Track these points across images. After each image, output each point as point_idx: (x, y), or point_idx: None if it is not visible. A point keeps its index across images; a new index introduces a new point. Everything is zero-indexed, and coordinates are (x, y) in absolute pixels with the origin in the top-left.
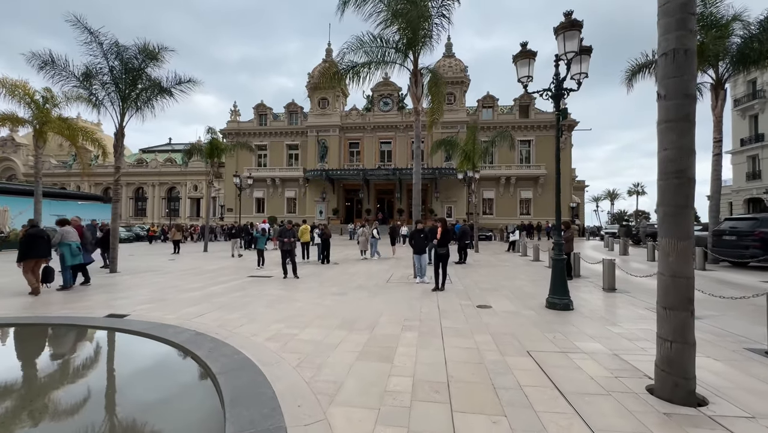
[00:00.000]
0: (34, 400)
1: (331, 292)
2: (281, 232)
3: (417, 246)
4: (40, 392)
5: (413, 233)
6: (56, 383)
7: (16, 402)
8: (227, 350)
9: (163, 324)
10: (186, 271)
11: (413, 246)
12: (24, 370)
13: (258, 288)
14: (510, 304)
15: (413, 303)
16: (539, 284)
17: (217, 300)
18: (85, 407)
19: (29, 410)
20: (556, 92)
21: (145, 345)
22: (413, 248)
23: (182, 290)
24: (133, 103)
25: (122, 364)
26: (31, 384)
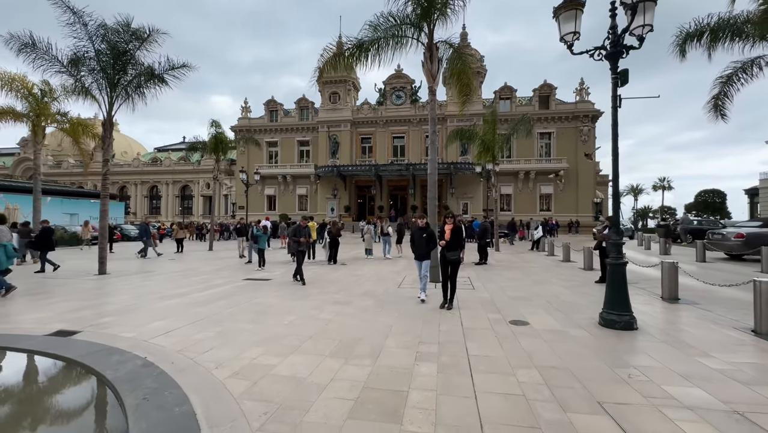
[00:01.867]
0: None
1: (332, 300)
2: (295, 230)
3: (418, 250)
4: None
5: (413, 232)
6: None
7: None
8: (170, 396)
9: (111, 348)
10: (179, 273)
11: (413, 249)
12: None
13: (249, 294)
14: (552, 319)
15: (430, 317)
16: (579, 291)
17: (196, 311)
18: None
19: None
20: (612, 49)
21: (65, 380)
22: (413, 251)
23: (163, 297)
24: (123, 91)
25: (15, 413)
26: None
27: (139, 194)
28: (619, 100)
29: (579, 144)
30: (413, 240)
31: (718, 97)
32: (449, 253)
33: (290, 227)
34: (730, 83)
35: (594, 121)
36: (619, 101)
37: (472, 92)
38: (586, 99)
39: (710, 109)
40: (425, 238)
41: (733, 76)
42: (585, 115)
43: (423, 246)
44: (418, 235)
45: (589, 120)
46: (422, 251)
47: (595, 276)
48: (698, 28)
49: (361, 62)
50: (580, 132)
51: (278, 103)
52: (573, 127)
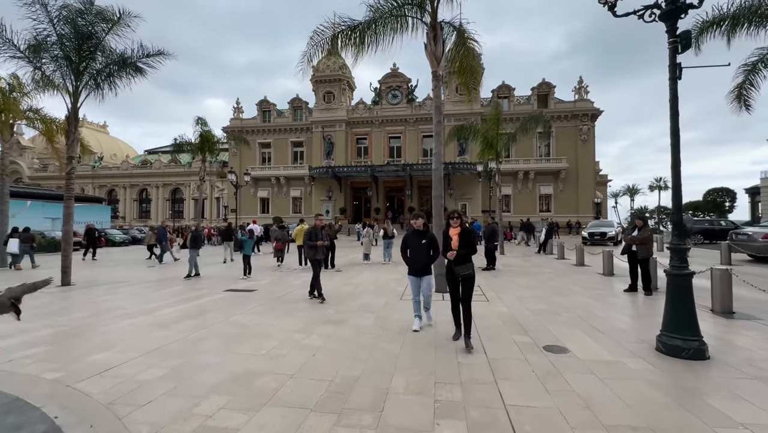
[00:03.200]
0: None
1: (323, 317)
2: (310, 234)
3: (414, 261)
4: None
5: (406, 238)
6: None
7: None
8: None
9: (14, 400)
10: (154, 283)
11: (407, 261)
12: None
13: (227, 310)
14: (595, 343)
15: (444, 342)
16: (611, 304)
17: (156, 336)
18: None
19: None
20: (669, 7)
21: None
22: (407, 263)
23: (123, 315)
24: (91, 80)
25: None
26: None
27: (128, 198)
28: (678, 70)
29: (579, 143)
30: (406, 248)
31: (741, 86)
32: (459, 267)
33: (306, 230)
34: (755, 71)
35: (593, 120)
36: (678, 72)
37: (478, 81)
38: (585, 97)
39: (733, 99)
40: (424, 245)
41: (759, 63)
42: (584, 113)
43: (422, 257)
44: (413, 241)
45: (589, 119)
46: (420, 264)
47: (618, 282)
48: (719, 16)
49: (356, 46)
50: (579, 131)
51: (271, 104)
52: (572, 127)
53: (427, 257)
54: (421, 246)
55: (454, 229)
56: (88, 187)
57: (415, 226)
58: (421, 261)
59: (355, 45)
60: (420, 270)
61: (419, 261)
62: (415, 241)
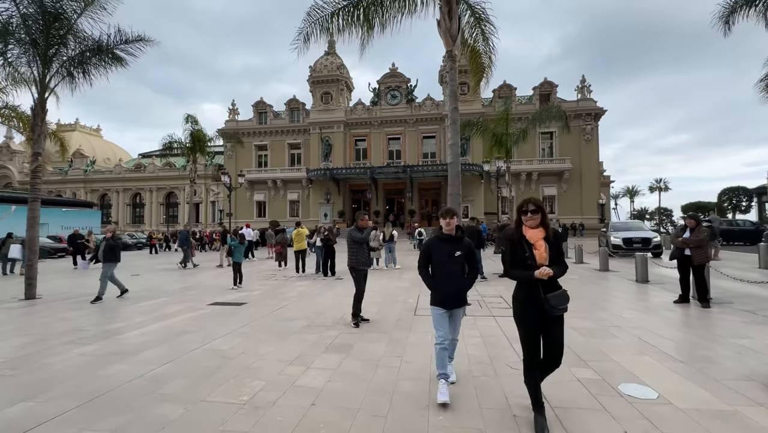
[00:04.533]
0: None
1: (325, 340)
2: (354, 236)
3: (443, 284)
4: None
5: (430, 246)
6: None
7: None
8: None
9: None
10: (132, 295)
11: (432, 284)
12: None
13: (208, 332)
14: (686, 381)
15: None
16: (666, 318)
17: (108, 372)
18: None
19: None
20: None
21: None
22: (432, 287)
23: (78, 340)
24: (62, 68)
25: None
26: None
27: (121, 202)
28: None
29: (582, 143)
30: (429, 263)
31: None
32: (554, 298)
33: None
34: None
35: (597, 119)
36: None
37: (489, 69)
38: (588, 97)
39: (763, 88)
40: (459, 259)
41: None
42: (588, 113)
43: (457, 277)
44: (442, 252)
45: (592, 118)
46: (455, 289)
47: (658, 291)
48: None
49: (360, 26)
50: (583, 131)
51: (267, 105)
52: (576, 126)
53: (465, 277)
54: (455, 260)
55: (533, 230)
56: (80, 191)
57: (446, 229)
58: (457, 284)
59: (358, 24)
60: (453, 299)
61: (453, 284)
62: (445, 252)
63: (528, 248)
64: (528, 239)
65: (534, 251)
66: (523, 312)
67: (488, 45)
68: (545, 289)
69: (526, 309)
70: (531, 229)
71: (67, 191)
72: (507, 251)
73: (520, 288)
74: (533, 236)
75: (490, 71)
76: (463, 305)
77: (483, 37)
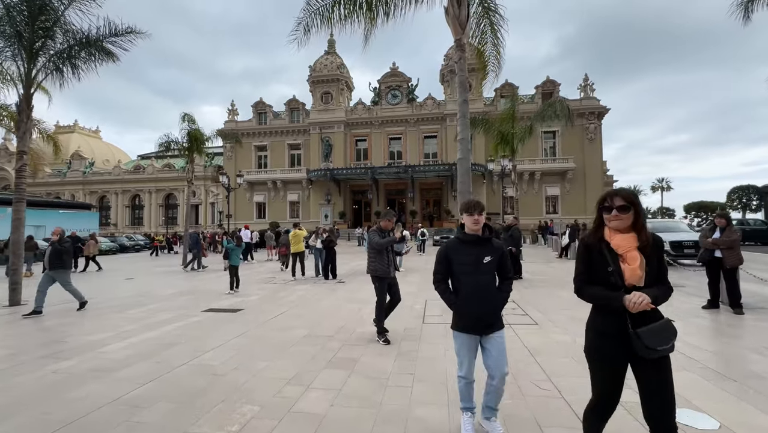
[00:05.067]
0: None
1: (326, 353)
2: (379, 236)
3: (470, 301)
4: None
5: (448, 250)
6: None
7: None
8: None
9: None
10: (122, 301)
11: (453, 302)
12: None
13: (198, 343)
14: (748, 405)
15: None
16: (698, 325)
17: (78, 393)
18: None
19: None
20: None
21: None
22: (455, 306)
23: (54, 354)
24: (49, 62)
25: None
26: None
27: (120, 204)
28: None
29: (585, 142)
30: (449, 274)
31: None
32: (650, 336)
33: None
34: None
35: (600, 118)
36: None
37: (497, 62)
38: (591, 95)
39: None
40: (489, 267)
41: None
42: (591, 112)
43: (488, 291)
44: (466, 259)
45: (595, 117)
46: (486, 307)
47: (683, 295)
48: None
49: (363, 15)
50: (586, 130)
51: (267, 105)
52: (578, 125)
53: (498, 291)
54: (484, 269)
55: (622, 234)
56: (78, 193)
57: (471, 228)
58: (490, 301)
59: (361, 13)
60: (486, 321)
61: (485, 301)
62: (471, 258)
63: (612, 260)
64: (613, 247)
65: (622, 264)
66: (601, 349)
67: (497, 37)
68: (638, 319)
69: (605, 346)
70: (617, 233)
71: (66, 193)
72: (580, 260)
73: (598, 314)
74: (622, 244)
75: (499, 65)
76: (499, 329)
77: (491, 29)
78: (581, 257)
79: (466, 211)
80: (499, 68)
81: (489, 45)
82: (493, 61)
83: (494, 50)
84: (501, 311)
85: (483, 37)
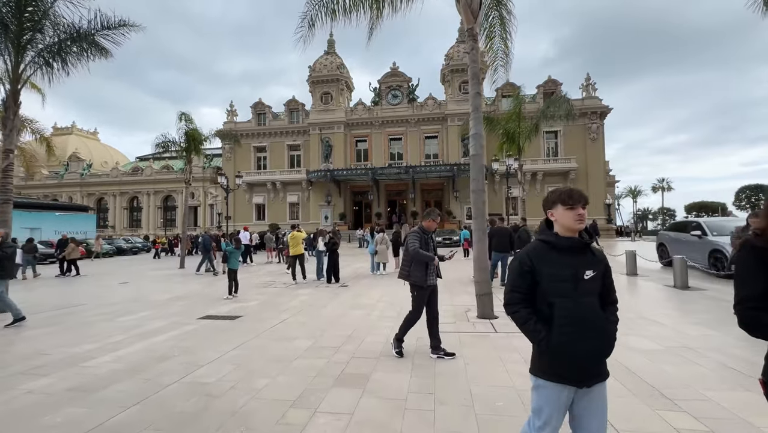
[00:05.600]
0: None
1: (335, 367)
2: (420, 239)
3: (574, 332)
4: None
5: (538, 254)
6: None
7: None
8: None
9: None
10: (114, 307)
11: (544, 336)
12: None
13: (193, 358)
14: None
15: None
16: (731, 333)
17: (50, 421)
18: None
19: None
20: None
21: None
22: (548, 341)
23: (32, 370)
24: (38, 57)
25: None
26: None
27: (118, 206)
28: None
29: (588, 142)
30: (538, 290)
31: None
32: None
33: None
34: None
35: (602, 117)
36: None
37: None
38: (593, 95)
39: None
40: (595, 281)
41: None
42: (593, 111)
43: (597, 318)
44: (560, 270)
45: (598, 117)
46: (601, 342)
47: (707, 301)
48: None
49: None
50: (588, 130)
51: (266, 106)
52: (581, 125)
53: (607, 321)
54: (586, 289)
55: None
56: (76, 195)
57: (569, 227)
58: (598, 339)
59: (367, 4)
60: (588, 367)
61: (590, 337)
62: (567, 271)
63: None
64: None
65: None
66: None
67: (505, 31)
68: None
69: None
70: None
71: (63, 195)
72: (751, 277)
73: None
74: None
75: (507, 60)
76: (605, 378)
77: (500, 22)
78: (753, 272)
79: (563, 202)
80: (508, 64)
81: (497, 39)
82: (501, 56)
83: (502, 44)
84: (612, 351)
85: (491, 30)
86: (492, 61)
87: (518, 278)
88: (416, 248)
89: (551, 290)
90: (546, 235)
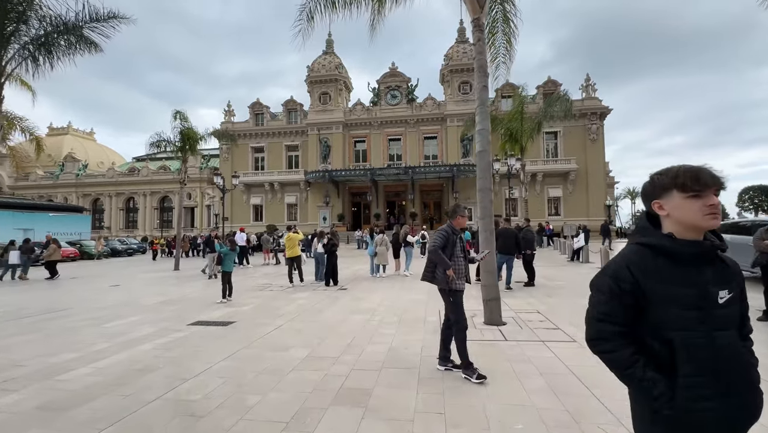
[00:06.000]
0: None
1: (333, 382)
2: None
3: (713, 382)
4: None
5: (648, 267)
6: None
7: None
8: None
9: None
10: (101, 312)
11: (664, 388)
12: None
13: (179, 369)
14: None
15: None
16: (755, 341)
17: None
18: None
19: None
20: None
21: None
22: (674, 396)
23: (1, 382)
24: (23, 49)
25: None
26: None
27: (114, 207)
28: None
29: (588, 143)
30: (651, 319)
31: None
32: None
33: None
34: None
35: (602, 118)
36: None
37: (509, 53)
38: (593, 96)
39: None
40: (732, 303)
41: None
42: (593, 112)
43: (742, 362)
44: (682, 290)
45: (598, 117)
46: (753, 396)
47: None
48: None
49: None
50: (588, 130)
51: (264, 106)
52: (581, 126)
53: (751, 363)
54: (722, 317)
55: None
56: (71, 196)
57: (697, 225)
58: (747, 391)
59: None
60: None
61: (738, 389)
62: (694, 293)
63: None
64: None
65: None
66: None
67: (509, 26)
68: None
69: None
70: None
71: (59, 196)
72: None
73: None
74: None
75: (510, 57)
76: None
77: (504, 17)
78: None
79: (683, 187)
80: (510, 60)
81: (500, 34)
82: (503, 53)
83: (504, 40)
84: None
85: (494, 25)
86: (494, 58)
87: (611, 300)
88: (435, 247)
89: (669, 320)
90: (653, 237)
